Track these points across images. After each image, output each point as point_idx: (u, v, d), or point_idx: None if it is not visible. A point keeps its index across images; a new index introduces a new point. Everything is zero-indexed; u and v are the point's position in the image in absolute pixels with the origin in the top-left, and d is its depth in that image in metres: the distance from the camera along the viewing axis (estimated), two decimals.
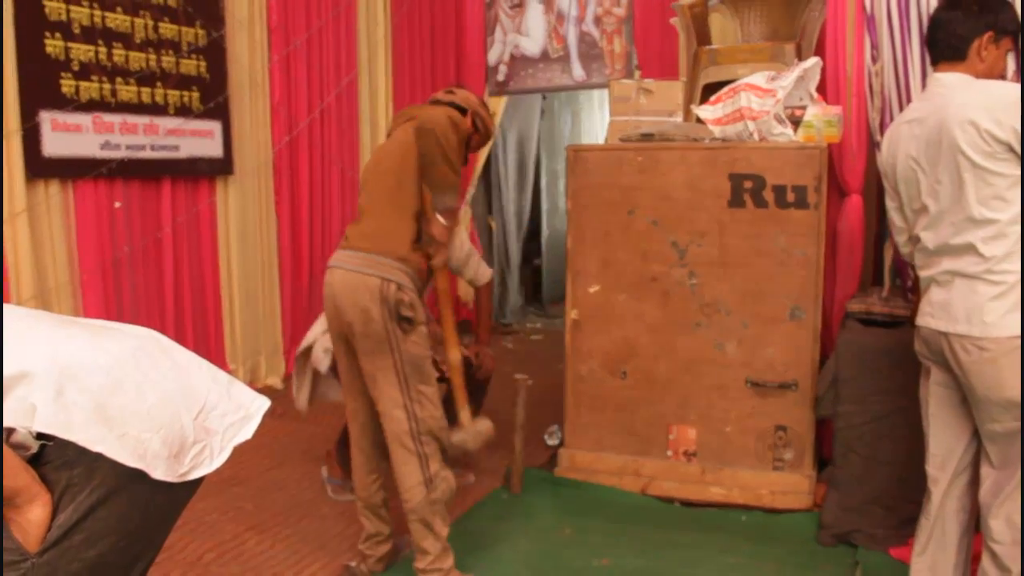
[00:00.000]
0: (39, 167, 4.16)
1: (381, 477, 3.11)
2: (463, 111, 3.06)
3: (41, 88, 4.14)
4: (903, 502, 3.30)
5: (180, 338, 4.96)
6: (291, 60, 5.56)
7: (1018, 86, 2.36)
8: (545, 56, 6.62)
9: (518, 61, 6.73)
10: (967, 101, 2.38)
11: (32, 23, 4.11)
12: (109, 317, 4.45)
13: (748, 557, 3.24)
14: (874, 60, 3.86)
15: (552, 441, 4.34)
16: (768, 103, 3.63)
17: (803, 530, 3.46)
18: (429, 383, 2.88)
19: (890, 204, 2.74)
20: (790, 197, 3.52)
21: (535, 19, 6.63)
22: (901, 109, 3.78)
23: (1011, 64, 3.38)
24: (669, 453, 3.78)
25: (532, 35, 6.65)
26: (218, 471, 1.52)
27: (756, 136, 3.64)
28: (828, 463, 3.61)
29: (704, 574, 3.14)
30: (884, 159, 2.69)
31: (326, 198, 5.98)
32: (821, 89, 3.81)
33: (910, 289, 3.70)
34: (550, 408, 4.79)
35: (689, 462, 3.75)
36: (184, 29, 4.83)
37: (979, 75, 2.50)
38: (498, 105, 6.86)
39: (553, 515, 3.65)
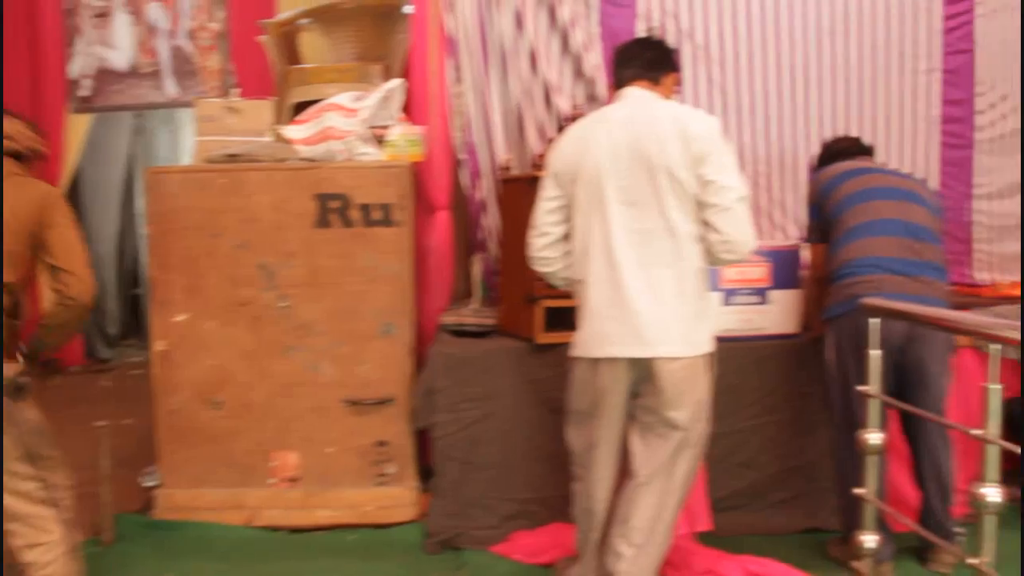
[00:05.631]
0: None
1: None
2: None
3: None
4: (500, 501, 3.48)
5: None
6: None
7: None
8: (135, 71, 6.20)
9: (104, 76, 6.24)
10: None
11: None
12: None
13: None
14: (457, 81, 4.04)
15: (151, 482, 4.03)
16: (353, 123, 3.66)
17: (411, 541, 3.50)
18: None
19: None
20: (376, 215, 3.56)
21: (122, 30, 6.17)
22: (484, 128, 3.98)
23: None
24: (272, 481, 3.67)
25: (119, 47, 6.19)
26: None
27: (342, 156, 3.65)
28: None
29: None
30: None
31: None
32: (408, 109, 3.90)
33: (498, 301, 3.90)
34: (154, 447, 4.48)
35: (293, 487, 3.67)
36: None
37: None
38: (82, 124, 6.31)
39: (152, 561, 3.39)
